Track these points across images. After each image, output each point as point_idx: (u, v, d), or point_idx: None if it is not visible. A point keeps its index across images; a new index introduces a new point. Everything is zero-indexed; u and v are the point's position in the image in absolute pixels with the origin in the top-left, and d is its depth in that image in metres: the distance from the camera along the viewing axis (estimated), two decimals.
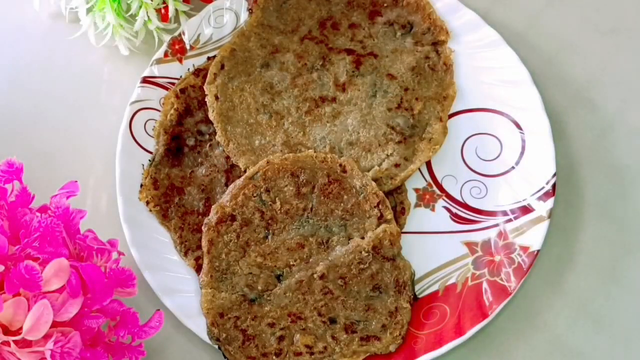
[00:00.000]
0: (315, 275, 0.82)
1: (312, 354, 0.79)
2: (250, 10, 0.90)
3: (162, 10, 0.89)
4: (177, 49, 0.89)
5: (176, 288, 0.81)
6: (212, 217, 0.82)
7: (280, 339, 0.80)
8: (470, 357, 0.81)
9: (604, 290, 0.84)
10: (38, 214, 0.71)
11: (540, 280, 0.84)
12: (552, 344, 0.82)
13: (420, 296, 0.82)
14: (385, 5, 0.91)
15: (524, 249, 0.82)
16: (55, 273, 0.67)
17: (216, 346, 0.79)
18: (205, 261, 0.81)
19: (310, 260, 0.82)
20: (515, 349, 0.82)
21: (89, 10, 0.88)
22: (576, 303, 0.84)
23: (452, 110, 0.89)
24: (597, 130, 0.90)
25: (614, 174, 0.88)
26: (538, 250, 0.82)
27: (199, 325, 0.80)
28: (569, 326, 0.83)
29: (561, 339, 0.82)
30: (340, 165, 0.83)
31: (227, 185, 0.85)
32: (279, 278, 0.82)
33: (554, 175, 0.84)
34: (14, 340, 0.66)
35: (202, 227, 0.82)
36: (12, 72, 0.92)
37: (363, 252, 0.82)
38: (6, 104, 0.90)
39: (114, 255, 0.73)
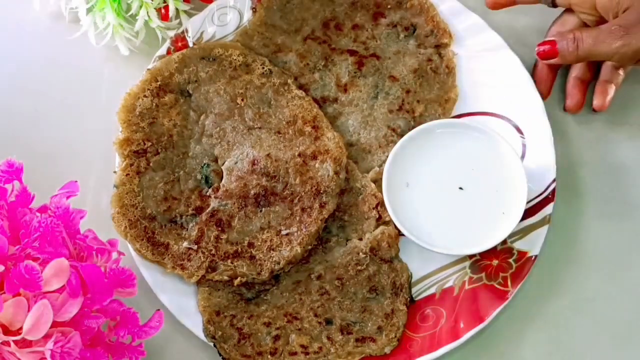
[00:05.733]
0: (312, 276, 0.82)
1: (307, 354, 0.79)
2: (254, 9, 0.90)
3: (163, 10, 0.89)
4: (180, 47, 0.88)
5: (174, 286, 0.82)
6: None
7: (276, 338, 0.80)
8: (470, 358, 0.82)
9: (604, 290, 0.84)
10: (38, 214, 0.71)
11: (540, 280, 0.84)
12: (552, 344, 0.83)
13: (417, 299, 0.83)
14: (389, 7, 0.90)
15: (522, 253, 0.82)
16: (55, 273, 0.68)
17: (212, 344, 0.80)
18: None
19: (310, 260, 0.83)
20: (515, 349, 0.82)
21: (89, 10, 0.87)
22: (576, 303, 0.84)
23: (453, 113, 0.88)
24: (597, 131, 0.90)
25: (614, 174, 0.88)
26: (536, 256, 0.82)
27: (196, 324, 0.81)
28: (568, 326, 0.83)
29: (561, 339, 0.83)
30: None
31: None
32: (276, 278, 0.82)
33: (554, 180, 0.84)
34: (14, 340, 0.66)
35: None
36: (12, 72, 0.92)
37: (361, 254, 0.82)
38: (6, 104, 0.90)
39: (114, 255, 0.74)
